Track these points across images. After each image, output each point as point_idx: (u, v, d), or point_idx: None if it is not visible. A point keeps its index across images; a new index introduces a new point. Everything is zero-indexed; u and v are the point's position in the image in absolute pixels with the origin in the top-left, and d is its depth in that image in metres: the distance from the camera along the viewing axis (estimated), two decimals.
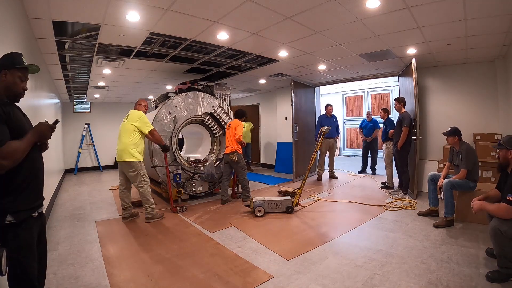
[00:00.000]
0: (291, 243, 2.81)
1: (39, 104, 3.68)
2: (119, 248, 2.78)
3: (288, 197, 3.95)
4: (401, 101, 4.56)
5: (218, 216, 3.78)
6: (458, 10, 2.71)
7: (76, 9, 2.61)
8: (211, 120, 4.95)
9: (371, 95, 10.60)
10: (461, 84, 4.68)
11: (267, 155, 8.44)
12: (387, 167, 5.13)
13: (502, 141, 2.23)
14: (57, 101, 6.81)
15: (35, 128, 1.33)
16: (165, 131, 4.38)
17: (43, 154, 1.49)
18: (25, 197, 1.30)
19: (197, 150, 5.55)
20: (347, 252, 2.58)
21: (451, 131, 3.25)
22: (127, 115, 3.67)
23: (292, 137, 5.96)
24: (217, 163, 4.91)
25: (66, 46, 3.62)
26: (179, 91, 4.76)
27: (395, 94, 8.77)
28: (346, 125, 11.28)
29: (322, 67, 5.14)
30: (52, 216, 3.84)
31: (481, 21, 2.95)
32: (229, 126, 4.49)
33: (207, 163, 4.74)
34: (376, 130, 6.58)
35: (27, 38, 2.74)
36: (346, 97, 11.26)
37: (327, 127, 4.03)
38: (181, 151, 5.27)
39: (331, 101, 6.80)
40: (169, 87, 6.79)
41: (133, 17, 2.81)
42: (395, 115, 5.18)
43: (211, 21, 3.00)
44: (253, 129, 7.74)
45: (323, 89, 7.81)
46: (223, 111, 5.04)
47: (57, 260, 2.47)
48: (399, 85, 5.35)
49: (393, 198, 4.39)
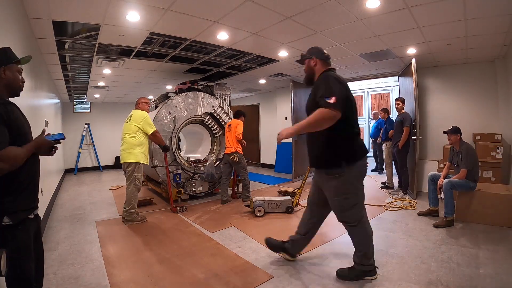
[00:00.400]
0: None
1: (39, 104, 3.68)
2: (119, 248, 2.78)
3: (288, 197, 3.95)
4: (403, 101, 4.57)
5: (218, 216, 3.78)
6: (458, 10, 2.71)
7: (76, 9, 2.61)
8: (211, 120, 4.95)
9: (371, 95, 10.61)
10: (461, 84, 4.67)
11: (267, 155, 8.43)
12: (387, 167, 5.13)
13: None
14: (57, 101, 6.81)
15: (36, 141, 1.32)
16: (165, 131, 4.38)
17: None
18: (24, 198, 1.31)
19: (197, 150, 5.55)
20: (347, 252, 2.58)
21: (453, 130, 3.27)
22: (130, 115, 3.63)
23: (292, 137, 5.95)
24: (217, 163, 4.91)
25: (66, 46, 3.63)
26: (179, 91, 4.76)
27: (395, 94, 8.76)
28: None
29: None
30: (52, 216, 3.84)
31: (481, 21, 2.95)
32: (229, 126, 4.49)
33: (207, 163, 4.74)
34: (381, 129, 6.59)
35: (27, 38, 2.74)
36: None
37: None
38: (181, 151, 5.26)
39: None
40: (169, 87, 6.79)
41: (133, 17, 2.81)
42: (395, 115, 5.19)
43: (211, 21, 3.00)
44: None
45: None
46: (223, 111, 5.04)
47: (57, 260, 2.47)
48: (399, 85, 5.35)
49: (393, 198, 4.39)
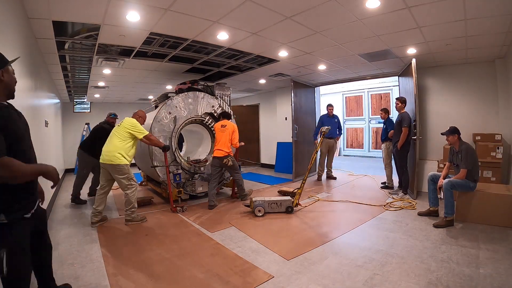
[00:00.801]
0: (291, 243, 2.82)
1: (39, 104, 3.68)
2: (119, 248, 2.78)
3: (288, 197, 3.95)
4: (403, 101, 4.56)
5: (218, 216, 3.78)
6: (458, 10, 2.71)
7: (76, 9, 2.61)
8: (211, 120, 4.95)
9: (371, 95, 10.61)
10: (461, 84, 4.68)
11: (267, 155, 8.43)
12: (387, 167, 5.13)
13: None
14: (57, 101, 6.81)
15: (46, 168, 1.34)
16: (165, 131, 4.38)
17: (43, 154, 1.50)
18: (20, 198, 1.33)
19: (197, 150, 5.55)
20: (347, 252, 2.58)
21: (451, 130, 3.27)
22: (122, 120, 3.62)
23: (292, 137, 5.96)
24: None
25: (66, 46, 3.63)
26: (179, 91, 4.76)
27: (395, 94, 8.76)
28: (346, 125, 11.28)
29: (322, 67, 5.14)
30: (52, 216, 3.84)
31: (481, 21, 2.95)
32: (223, 126, 4.29)
33: (207, 163, 4.74)
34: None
35: (27, 38, 2.74)
36: (346, 97, 11.27)
37: (327, 127, 4.05)
38: (181, 151, 5.26)
39: (331, 101, 6.76)
40: (169, 87, 6.79)
41: (133, 17, 2.81)
42: (395, 115, 5.19)
43: (211, 21, 3.00)
44: None
45: (323, 89, 7.81)
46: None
47: (57, 260, 2.47)
48: (399, 85, 5.35)
49: (393, 198, 4.39)
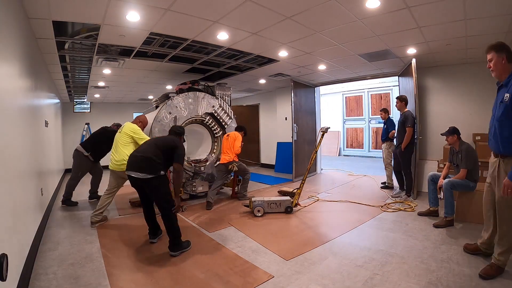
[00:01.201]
0: (290, 243, 2.82)
1: (39, 104, 3.68)
2: (119, 248, 2.78)
3: (287, 197, 3.95)
4: (403, 99, 4.43)
5: (217, 216, 3.78)
6: (458, 10, 2.71)
7: (76, 9, 2.61)
8: (211, 120, 4.95)
9: (371, 95, 10.62)
10: (461, 84, 4.67)
11: (267, 155, 8.44)
12: (387, 167, 5.12)
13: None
14: (57, 101, 6.81)
15: None
16: (165, 131, 4.37)
17: (43, 154, 1.49)
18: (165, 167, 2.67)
19: (198, 150, 5.55)
20: (347, 252, 2.59)
21: (450, 131, 3.27)
22: (122, 126, 3.65)
23: (292, 137, 5.96)
24: (217, 163, 4.91)
25: (66, 46, 3.62)
26: (179, 91, 4.76)
27: (395, 94, 8.74)
28: (346, 125, 11.29)
29: (322, 67, 5.14)
30: (52, 216, 3.84)
31: (481, 21, 2.95)
32: (228, 136, 4.62)
33: (207, 163, 4.74)
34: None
35: (27, 38, 2.74)
36: (346, 97, 11.28)
37: (327, 127, 4.02)
38: None
39: (331, 101, 6.71)
40: (169, 87, 6.79)
41: (133, 17, 2.81)
42: (395, 115, 5.19)
43: (211, 21, 3.00)
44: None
45: (323, 89, 7.81)
46: (224, 111, 5.04)
47: (57, 260, 2.47)
48: (399, 85, 5.35)
49: (396, 200, 4.27)
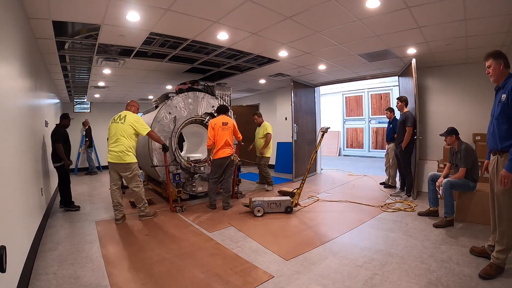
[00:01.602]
0: (290, 243, 2.82)
1: (39, 104, 3.68)
2: (119, 248, 2.78)
3: (287, 197, 3.95)
4: (403, 100, 4.48)
5: (217, 216, 3.78)
6: (458, 10, 2.71)
7: (76, 9, 2.61)
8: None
9: (371, 95, 10.62)
10: (461, 84, 4.67)
11: None
12: (392, 167, 5.11)
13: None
14: (57, 101, 6.81)
15: None
16: (165, 131, 4.38)
17: (43, 154, 1.48)
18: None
19: (197, 150, 5.55)
20: (347, 252, 2.58)
21: (448, 131, 3.29)
22: (121, 115, 3.56)
23: (292, 137, 5.96)
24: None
25: (66, 46, 3.63)
26: (179, 91, 4.76)
27: (395, 94, 8.77)
28: (346, 125, 11.29)
29: (322, 67, 5.14)
30: (52, 216, 3.84)
31: (481, 21, 2.95)
32: (226, 124, 4.08)
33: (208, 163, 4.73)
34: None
35: (27, 38, 2.74)
36: (346, 97, 11.28)
37: (327, 127, 4.02)
38: (181, 151, 5.26)
39: (331, 101, 6.71)
40: (169, 87, 6.79)
41: (133, 17, 2.81)
42: (395, 115, 5.18)
43: (211, 21, 3.00)
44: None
45: (323, 89, 7.81)
46: None
47: (57, 260, 2.47)
48: (399, 85, 5.35)
49: (396, 200, 4.27)
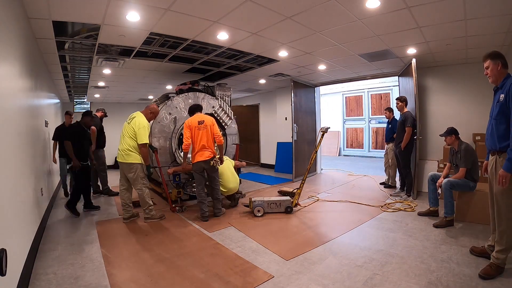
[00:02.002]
0: (290, 243, 2.82)
1: (39, 104, 3.68)
2: (119, 248, 2.78)
3: (287, 197, 3.95)
4: (403, 100, 4.49)
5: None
6: (458, 10, 2.71)
7: (76, 9, 2.61)
8: None
9: (371, 95, 10.62)
10: (461, 84, 4.67)
11: (267, 155, 8.43)
12: (392, 167, 5.12)
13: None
14: (57, 101, 6.81)
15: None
16: (165, 132, 4.38)
17: (43, 154, 1.48)
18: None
19: None
20: (347, 252, 2.59)
21: (448, 131, 3.30)
22: (133, 116, 3.56)
23: (292, 137, 5.96)
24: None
25: (66, 46, 3.62)
26: (179, 92, 4.76)
27: (395, 94, 8.77)
28: (346, 125, 11.29)
29: (322, 67, 5.14)
30: (52, 216, 3.84)
31: (481, 21, 2.95)
32: (202, 123, 3.58)
33: None
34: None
35: (27, 38, 2.74)
36: (346, 97, 11.28)
37: (327, 127, 4.02)
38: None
39: (331, 101, 6.72)
40: (169, 87, 6.79)
41: (133, 17, 2.81)
42: (395, 115, 5.18)
43: (211, 21, 3.00)
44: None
45: (323, 89, 7.81)
46: (224, 112, 5.04)
47: (57, 260, 2.47)
48: (399, 85, 5.35)
49: (396, 200, 4.27)
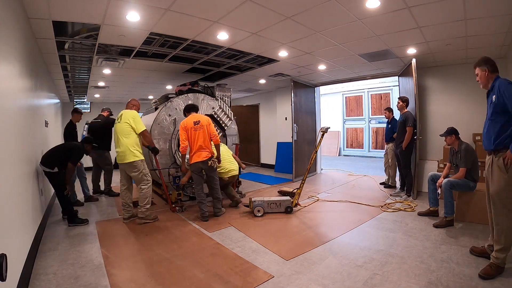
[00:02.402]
0: (290, 243, 2.82)
1: (39, 104, 3.68)
2: (119, 248, 2.78)
3: (287, 197, 3.95)
4: (404, 100, 4.48)
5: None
6: (458, 10, 2.71)
7: (76, 9, 2.61)
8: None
9: (371, 95, 10.62)
10: (461, 84, 4.67)
11: (267, 155, 8.44)
12: (391, 167, 5.12)
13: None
14: (57, 101, 6.81)
15: None
16: (165, 133, 4.37)
17: (43, 154, 1.48)
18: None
19: None
20: (347, 252, 2.58)
21: (448, 131, 3.29)
22: (120, 115, 3.56)
23: (292, 137, 5.96)
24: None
25: (66, 46, 3.63)
26: (179, 93, 4.76)
27: (395, 94, 8.78)
28: (346, 125, 11.29)
29: (322, 67, 5.14)
30: (52, 215, 3.84)
31: (481, 21, 2.95)
32: (198, 124, 3.58)
33: None
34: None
35: (27, 38, 2.74)
36: (346, 97, 11.28)
37: (327, 127, 4.02)
38: None
39: (331, 101, 6.72)
40: (169, 87, 6.80)
41: (133, 17, 2.81)
42: (395, 115, 5.18)
43: (211, 21, 3.00)
44: None
45: (323, 89, 7.81)
46: (223, 113, 5.03)
47: (57, 260, 2.47)
48: (399, 85, 5.35)
49: (396, 200, 4.27)
